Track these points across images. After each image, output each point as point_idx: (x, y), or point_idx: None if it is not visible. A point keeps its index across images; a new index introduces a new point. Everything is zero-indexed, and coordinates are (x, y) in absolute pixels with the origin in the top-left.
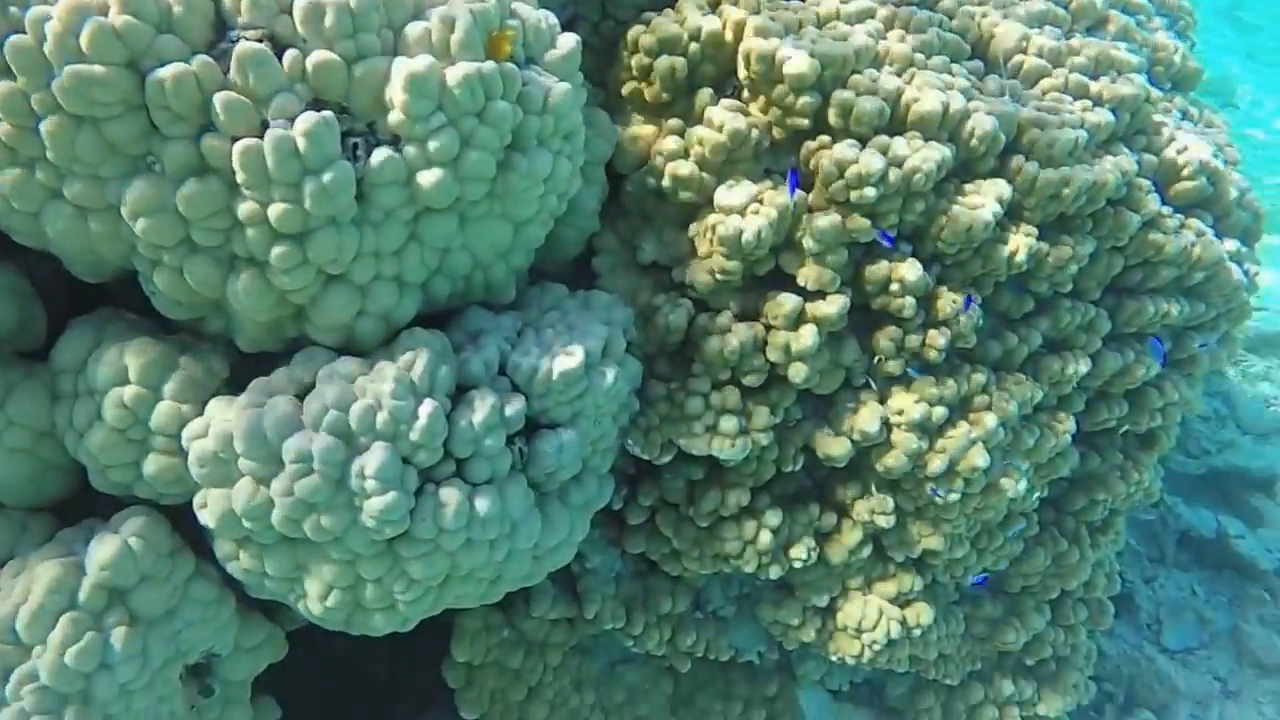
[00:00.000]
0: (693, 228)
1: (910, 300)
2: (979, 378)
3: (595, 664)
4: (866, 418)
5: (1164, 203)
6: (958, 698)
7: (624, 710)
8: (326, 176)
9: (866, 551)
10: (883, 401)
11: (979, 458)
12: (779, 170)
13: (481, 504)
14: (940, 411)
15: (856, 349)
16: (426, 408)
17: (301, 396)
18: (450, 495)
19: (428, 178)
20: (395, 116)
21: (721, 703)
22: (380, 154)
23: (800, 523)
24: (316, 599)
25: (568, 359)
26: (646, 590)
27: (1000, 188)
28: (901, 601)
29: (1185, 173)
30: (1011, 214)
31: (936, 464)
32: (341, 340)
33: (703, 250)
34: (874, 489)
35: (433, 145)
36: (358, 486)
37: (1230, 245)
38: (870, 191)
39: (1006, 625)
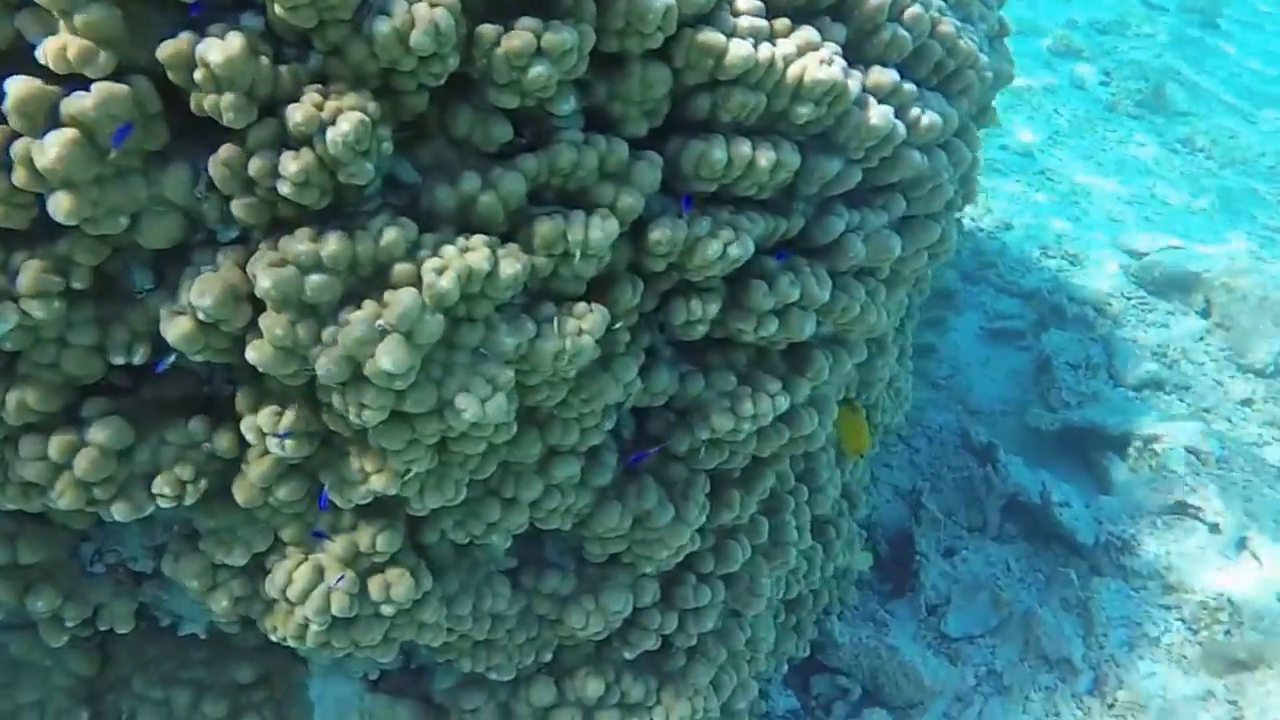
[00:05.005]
0: None
1: (230, 99)
2: (392, 235)
3: None
4: (206, 287)
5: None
6: (520, 697)
7: None
8: None
9: (291, 490)
10: (244, 265)
11: (388, 358)
12: None
13: None
14: (319, 280)
15: (188, 177)
16: None
17: None
18: None
19: None
20: None
21: (163, 689)
22: None
23: (174, 443)
24: None
25: None
26: None
27: None
28: (365, 565)
29: None
30: None
31: (327, 361)
32: None
33: None
34: (275, 399)
35: None
36: None
37: (882, 77)
38: None
39: (575, 605)
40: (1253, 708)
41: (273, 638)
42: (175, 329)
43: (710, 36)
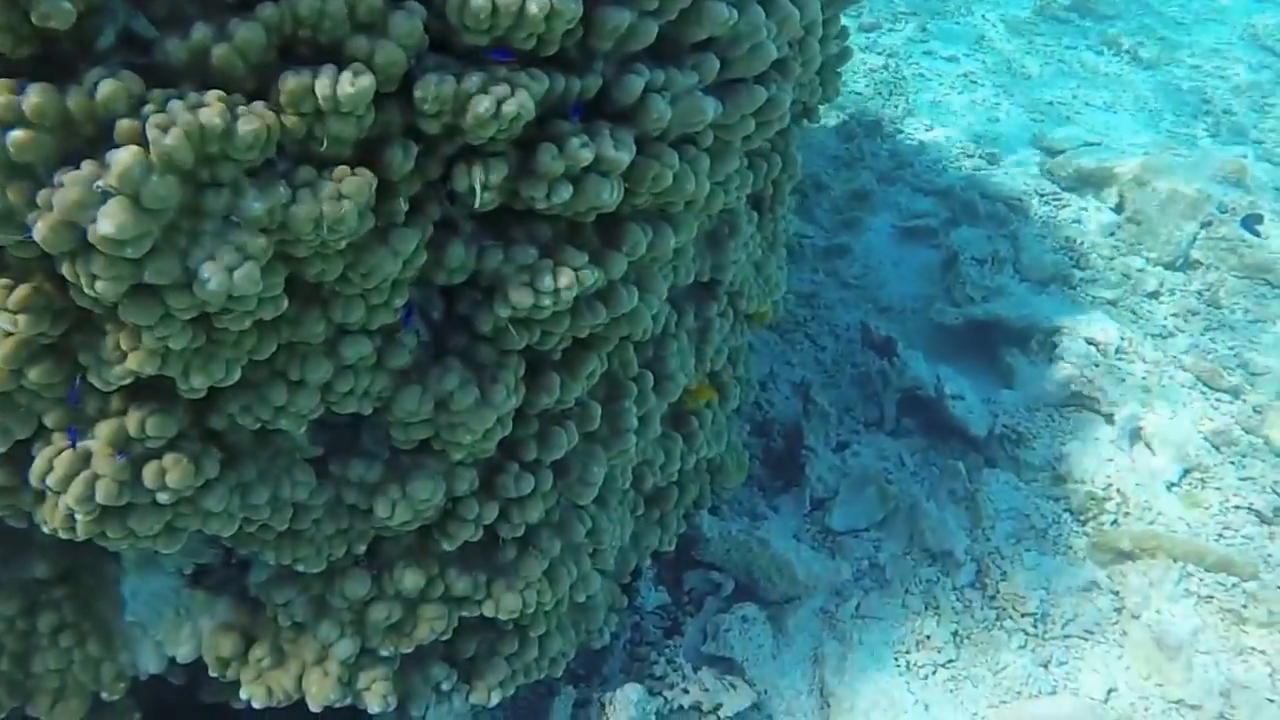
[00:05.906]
0: None
1: None
2: (109, 89)
3: None
4: None
5: None
6: (334, 590)
7: None
8: None
9: (46, 372)
10: None
11: (109, 222)
12: None
13: None
14: (23, 137)
15: None
16: None
17: None
18: None
19: None
20: None
21: None
22: None
23: None
24: None
25: None
26: None
27: None
28: (140, 451)
29: None
30: None
31: (44, 228)
32: None
33: None
34: (12, 273)
35: None
36: None
37: None
38: None
39: (381, 494)
40: (1135, 597)
41: (45, 530)
42: None
43: None
